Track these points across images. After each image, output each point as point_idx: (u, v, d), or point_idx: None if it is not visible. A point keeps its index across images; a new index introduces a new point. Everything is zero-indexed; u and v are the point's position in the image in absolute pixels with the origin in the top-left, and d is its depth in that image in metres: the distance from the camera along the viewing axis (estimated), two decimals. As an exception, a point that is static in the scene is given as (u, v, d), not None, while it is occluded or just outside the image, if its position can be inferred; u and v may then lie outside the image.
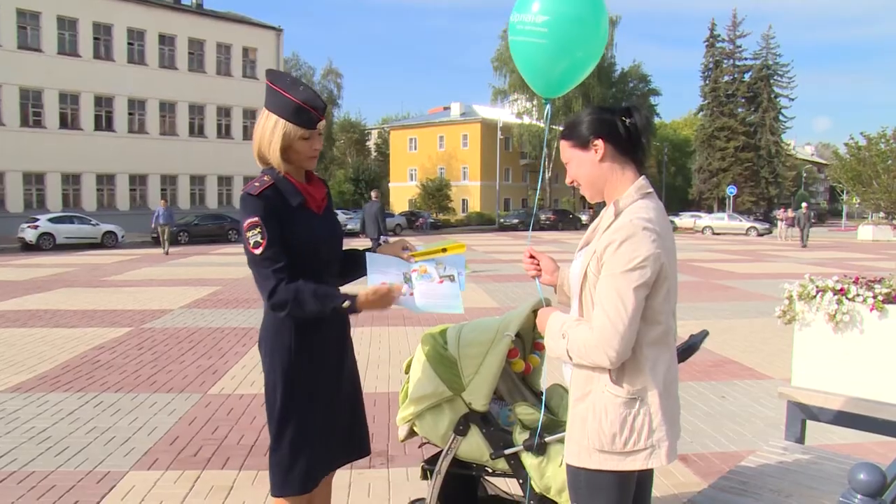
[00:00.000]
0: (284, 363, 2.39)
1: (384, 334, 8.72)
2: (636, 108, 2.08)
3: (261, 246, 2.29)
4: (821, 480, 2.63)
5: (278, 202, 2.35)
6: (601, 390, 1.96)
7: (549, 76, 3.59)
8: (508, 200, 63.60)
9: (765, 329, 9.20)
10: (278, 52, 44.72)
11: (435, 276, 2.41)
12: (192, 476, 4.23)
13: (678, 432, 2.09)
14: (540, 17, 3.32)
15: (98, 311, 10.82)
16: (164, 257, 22.77)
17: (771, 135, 63.74)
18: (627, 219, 1.93)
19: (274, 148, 2.37)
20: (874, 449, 4.39)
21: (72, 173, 36.29)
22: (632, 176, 2.06)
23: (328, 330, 2.48)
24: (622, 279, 1.87)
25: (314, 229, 2.44)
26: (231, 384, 6.39)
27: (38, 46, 34.72)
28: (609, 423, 1.94)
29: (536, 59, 3.49)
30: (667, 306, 1.97)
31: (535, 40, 3.40)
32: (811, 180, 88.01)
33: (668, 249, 1.96)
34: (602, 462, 1.97)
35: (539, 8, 3.30)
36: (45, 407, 5.63)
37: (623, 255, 1.88)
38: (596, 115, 2.09)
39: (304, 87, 2.40)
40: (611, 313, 1.86)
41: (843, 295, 3.18)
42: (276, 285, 2.29)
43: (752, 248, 29.12)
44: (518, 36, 3.36)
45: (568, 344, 1.96)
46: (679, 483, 4.09)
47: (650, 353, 1.95)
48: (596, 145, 2.06)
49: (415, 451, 4.42)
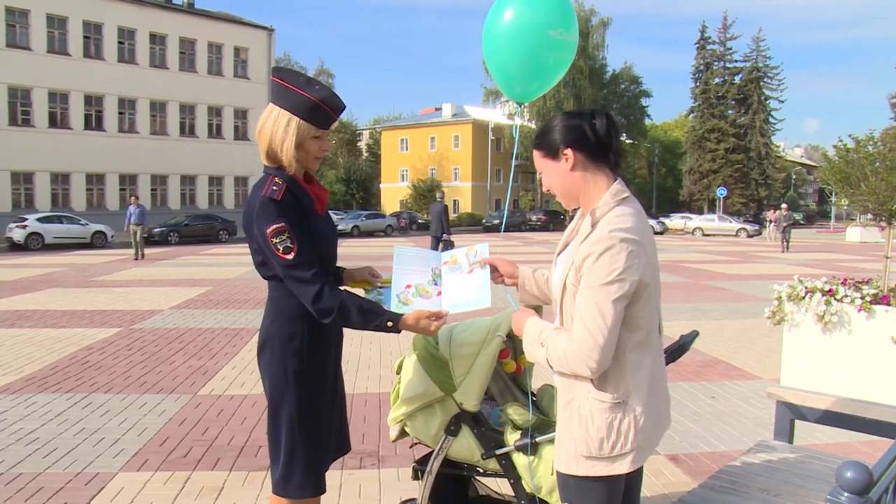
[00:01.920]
0: (297, 366, 2.37)
1: (375, 335, 8.70)
2: (599, 112, 2.06)
3: (292, 251, 2.25)
4: (809, 479, 2.65)
5: (295, 206, 2.33)
6: (585, 397, 1.96)
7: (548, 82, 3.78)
8: (500, 201, 63.65)
9: (754, 330, 9.25)
10: (270, 52, 44.61)
11: (465, 266, 2.37)
12: (182, 477, 4.21)
13: (667, 424, 2.11)
14: (574, 35, 3.50)
15: (87, 312, 10.77)
16: (151, 258, 22.55)
17: (761, 136, 64.03)
18: (606, 230, 1.91)
19: (288, 146, 2.32)
20: (862, 448, 4.42)
21: (61, 173, 36.08)
22: (605, 181, 2.04)
23: (331, 330, 2.48)
24: (601, 292, 1.87)
25: (323, 231, 2.44)
26: (221, 385, 6.37)
27: (27, 45, 34.50)
28: (596, 429, 1.95)
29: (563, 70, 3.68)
30: (648, 310, 1.97)
31: (567, 55, 3.56)
32: (801, 182, 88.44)
33: (649, 253, 1.96)
34: (590, 468, 1.97)
35: (564, 21, 3.47)
36: (34, 408, 5.60)
37: (601, 267, 1.88)
38: (564, 123, 2.07)
39: (321, 86, 2.37)
40: (590, 326, 1.87)
41: (832, 296, 3.21)
42: (321, 289, 2.24)
43: (741, 250, 29.26)
44: (556, 52, 3.53)
45: (548, 353, 1.96)
46: (669, 483, 4.11)
47: (633, 358, 1.95)
48: (566, 154, 2.04)
49: (406, 451, 4.41)
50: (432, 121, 67.97)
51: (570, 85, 55.50)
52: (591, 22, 58.11)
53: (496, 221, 47.61)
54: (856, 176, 5.20)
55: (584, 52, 55.96)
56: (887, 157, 5.05)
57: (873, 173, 5.02)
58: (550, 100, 53.36)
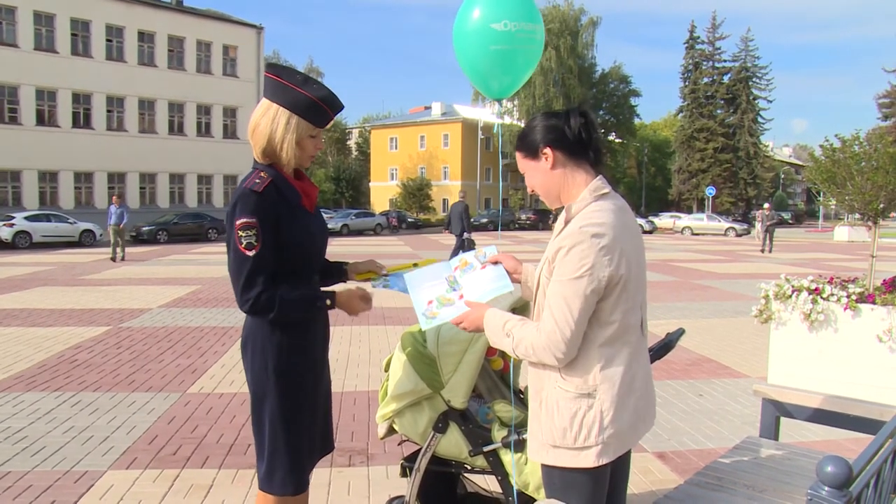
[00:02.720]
0: (277, 362, 2.38)
1: (364, 333, 8.72)
2: (575, 111, 2.08)
3: (254, 248, 2.26)
4: (793, 475, 2.68)
5: (278, 201, 2.32)
6: (553, 386, 2.00)
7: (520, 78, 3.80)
8: (489, 200, 63.68)
9: (742, 328, 9.30)
10: (259, 50, 44.43)
11: (476, 264, 2.40)
12: (171, 475, 4.21)
13: (649, 424, 2.12)
14: (529, 25, 3.47)
15: (76, 311, 10.71)
16: (140, 257, 22.45)
17: (749, 136, 64.28)
18: (577, 226, 1.94)
19: (290, 143, 2.32)
20: (847, 445, 4.46)
21: (49, 171, 35.79)
22: (585, 178, 2.06)
23: (315, 327, 2.50)
24: (569, 286, 1.90)
25: (310, 228, 2.43)
26: (210, 383, 6.36)
27: (13, 42, 34.18)
28: (560, 418, 1.98)
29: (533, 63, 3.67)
30: (621, 305, 1.98)
31: (531, 47, 3.56)
32: (789, 181, 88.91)
33: (628, 248, 1.97)
34: (556, 458, 2.00)
35: (522, 14, 3.44)
36: (21, 407, 5.57)
37: (570, 262, 1.91)
38: (543, 123, 2.09)
39: (318, 84, 2.37)
40: (558, 318, 1.91)
41: (818, 294, 3.24)
42: (261, 293, 2.27)
43: (730, 249, 29.40)
44: (515, 44, 3.52)
45: (514, 343, 2.00)
46: (657, 480, 4.13)
47: (603, 353, 1.97)
48: (545, 153, 2.07)
49: (394, 448, 4.43)
50: (422, 120, 67.96)
51: (560, 84, 55.59)
52: (580, 21, 58.15)
53: (484, 220, 47.42)
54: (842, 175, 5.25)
55: (573, 51, 56.05)
56: (873, 156, 5.10)
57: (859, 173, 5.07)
58: (540, 99, 53.44)
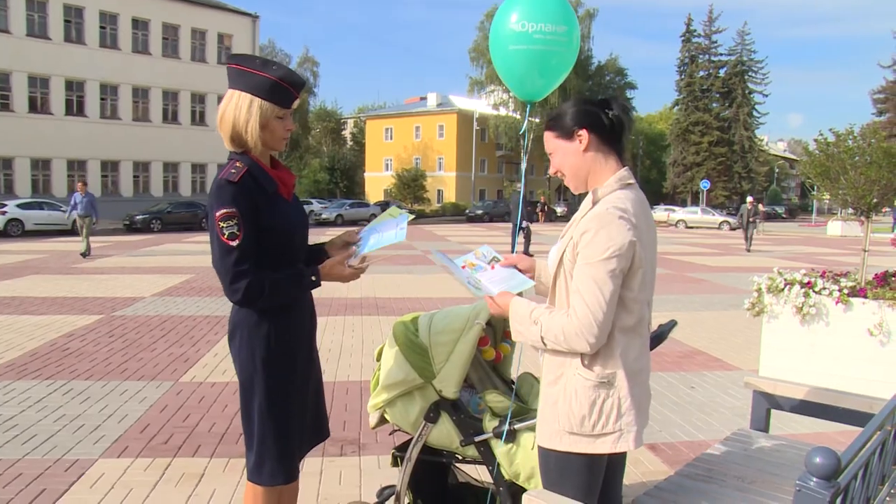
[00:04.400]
0: (264, 352, 2.37)
1: (356, 322, 8.70)
2: (615, 100, 2.12)
3: (237, 238, 2.25)
4: (783, 467, 2.69)
5: (255, 190, 2.32)
6: (573, 374, 2.00)
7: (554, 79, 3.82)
8: (484, 191, 63.64)
9: (734, 321, 9.33)
10: (254, 39, 44.21)
11: (484, 265, 2.40)
12: (162, 463, 4.20)
13: (646, 420, 2.13)
14: (560, 27, 3.49)
15: (68, 299, 10.68)
16: (133, 245, 22.36)
17: (745, 130, 64.38)
18: (603, 208, 1.96)
19: (253, 126, 2.32)
20: (836, 438, 4.48)
21: (41, 158, 35.60)
22: (614, 166, 2.09)
23: (300, 316, 2.49)
24: (598, 267, 1.90)
25: (289, 216, 2.43)
26: (203, 372, 6.36)
27: (6, 28, 33.93)
28: (579, 406, 1.98)
29: (566, 66, 3.69)
30: (642, 295, 2.01)
31: (560, 49, 3.56)
32: (783, 176, 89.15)
33: (646, 241, 2.00)
34: (572, 444, 2.01)
35: (553, 16, 3.47)
36: (13, 395, 5.56)
37: (599, 243, 1.91)
38: (580, 107, 2.12)
39: (278, 65, 2.37)
40: (589, 301, 1.90)
41: (810, 288, 3.25)
42: (250, 282, 2.27)
43: (723, 242, 29.45)
44: (538, 45, 3.52)
45: (542, 331, 1.98)
46: (647, 471, 4.15)
47: (622, 340, 1.99)
48: (580, 135, 2.08)
49: (386, 438, 4.43)
50: (417, 110, 67.77)
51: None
52: (577, 13, 58.02)
53: (480, 211, 47.45)
54: (835, 170, 5.26)
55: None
56: (867, 151, 5.11)
57: (853, 167, 5.08)
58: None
